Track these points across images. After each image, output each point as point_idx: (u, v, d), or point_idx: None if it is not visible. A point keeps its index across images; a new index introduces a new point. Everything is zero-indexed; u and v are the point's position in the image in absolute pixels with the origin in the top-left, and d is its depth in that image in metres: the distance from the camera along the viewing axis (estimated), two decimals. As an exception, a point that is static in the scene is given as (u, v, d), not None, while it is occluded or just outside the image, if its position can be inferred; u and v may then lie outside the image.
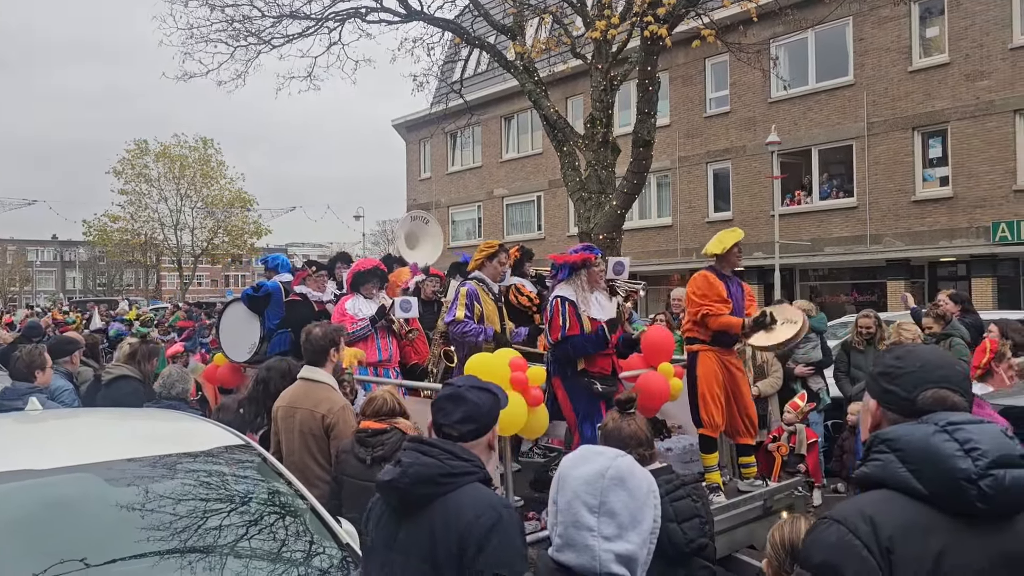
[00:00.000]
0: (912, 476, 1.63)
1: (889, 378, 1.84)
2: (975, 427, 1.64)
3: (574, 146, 11.99)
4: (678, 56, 20.91)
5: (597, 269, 5.70)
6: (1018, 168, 17.05)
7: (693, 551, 2.55)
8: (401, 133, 33.38)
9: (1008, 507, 1.60)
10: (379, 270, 7.14)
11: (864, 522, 1.60)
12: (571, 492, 1.66)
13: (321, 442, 4.31)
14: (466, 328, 6.05)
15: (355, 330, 6.64)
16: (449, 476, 2.28)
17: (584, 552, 1.60)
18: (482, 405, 2.43)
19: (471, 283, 6.24)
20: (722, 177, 22.46)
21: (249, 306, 7.24)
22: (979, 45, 17.42)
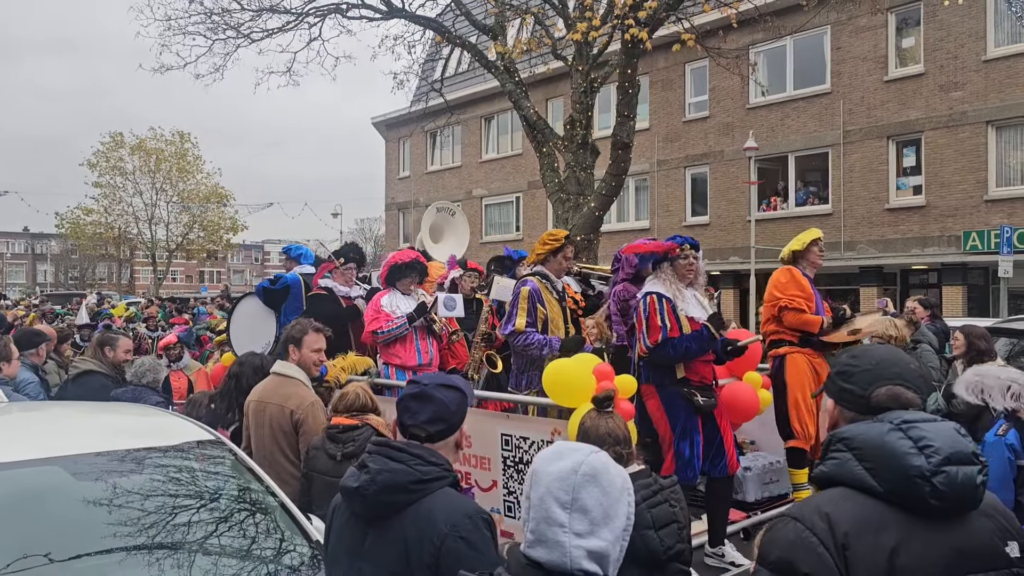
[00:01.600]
0: (868, 474, 1.66)
1: (845, 376, 1.87)
2: (929, 425, 1.67)
3: (553, 147, 12.02)
4: (658, 60, 21.02)
5: (684, 261, 4.99)
6: (989, 178, 17.32)
7: (670, 557, 2.55)
8: (381, 131, 33.25)
9: (961, 504, 1.63)
10: (419, 263, 6.33)
11: (821, 519, 1.62)
12: (543, 488, 1.65)
13: (291, 438, 4.27)
14: (529, 340, 5.39)
15: (391, 328, 6.00)
16: (420, 482, 2.21)
17: (555, 548, 1.60)
18: (450, 403, 2.36)
19: (533, 280, 5.54)
20: (700, 181, 22.60)
21: (265, 300, 6.68)
22: (953, 56, 17.68)
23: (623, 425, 2.79)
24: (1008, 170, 17.32)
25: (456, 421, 2.37)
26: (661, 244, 5.08)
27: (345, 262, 6.79)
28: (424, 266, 6.41)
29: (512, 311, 5.47)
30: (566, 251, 5.67)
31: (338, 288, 6.71)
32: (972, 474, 1.62)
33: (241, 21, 13.44)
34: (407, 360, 6.04)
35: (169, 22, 13.48)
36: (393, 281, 6.23)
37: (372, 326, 6.03)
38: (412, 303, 6.14)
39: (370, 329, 6.03)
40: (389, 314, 6.03)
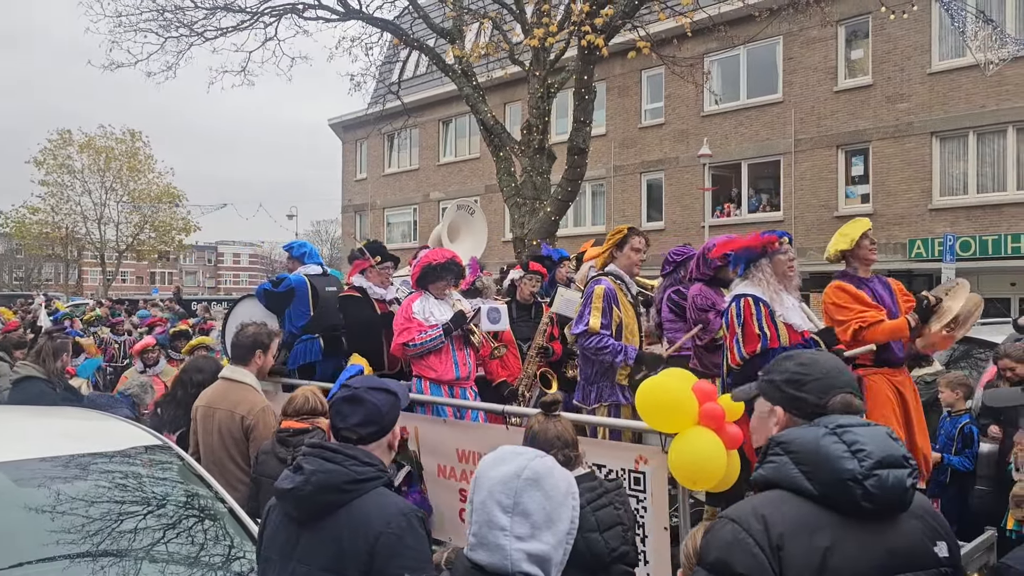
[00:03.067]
0: (804, 477, 1.71)
1: (797, 385, 1.91)
2: (862, 429, 1.73)
3: (510, 152, 12.06)
4: (615, 67, 21.22)
5: (784, 257, 4.34)
6: (933, 188, 17.84)
7: (614, 559, 2.57)
8: (338, 132, 33.00)
9: (891, 506, 1.69)
10: (455, 264, 5.53)
11: (757, 521, 1.67)
12: (486, 492, 1.67)
13: (240, 444, 4.23)
14: (603, 344, 4.78)
15: (424, 341, 5.23)
16: (354, 483, 2.23)
17: (496, 551, 1.61)
18: (381, 406, 2.39)
19: (606, 280, 4.97)
20: (655, 187, 22.87)
21: (267, 304, 6.05)
22: (900, 69, 18.18)
23: (571, 429, 2.83)
24: (951, 180, 17.86)
25: (387, 423, 2.39)
26: (759, 238, 4.38)
27: (382, 260, 6.08)
28: (461, 267, 5.70)
29: (584, 310, 4.90)
30: (633, 241, 5.04)
31: (373, 289, 5.98)
32: (902, 477, 1.68)
33: (194, 19, 13.25)
34: (443, 373, 5.31)
35: (120, 18, 13.23)
36: (425, 284, 5.48)
37: (403, 337, 5.28)
38: (447, 309, 5.42)
39: (401, 341, 5.28)
40: (422, 322, 5.31)
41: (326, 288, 6.10)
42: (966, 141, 17.50)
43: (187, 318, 15.63)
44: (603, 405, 4.92)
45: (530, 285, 6.42)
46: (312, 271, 6.19)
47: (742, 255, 4.41)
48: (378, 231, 31.48)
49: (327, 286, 6.13)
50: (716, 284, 5.18)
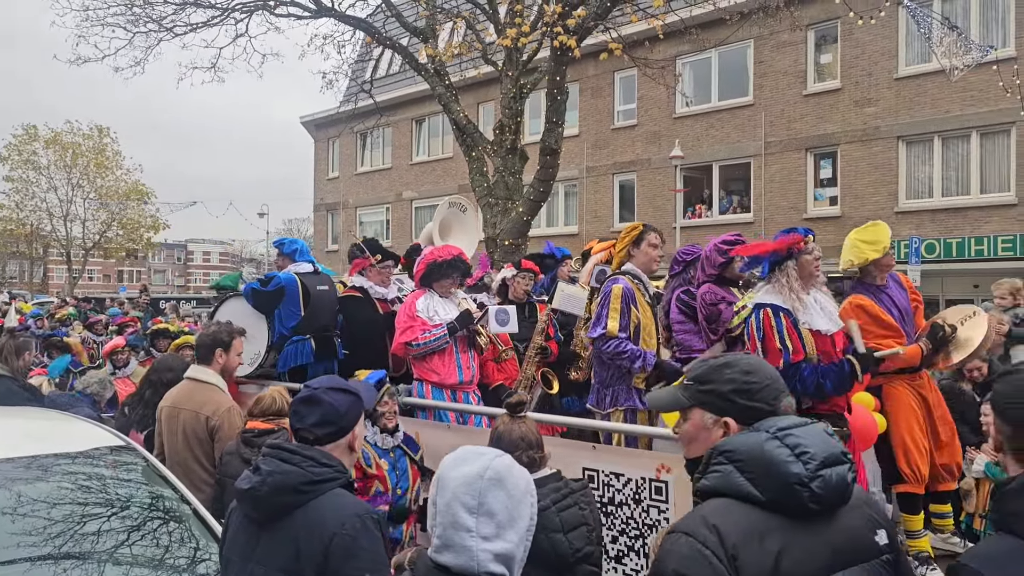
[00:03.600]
0: (750, 484, 1.72)
1: (748, 395, 1.89)
2: (801, 430, 1.76)
3: (483, 152, 12.05)
4: (588, 68, 21.30)
5: (810, 256, 4.09)
6: (899, 191, 18.13)
7: (579, 559, 2.58)
8: (310, 131, 32.77)
9: (835, 503, 1.72)
10: (461, 261, 5.35)
11: (710, 532, 1.67)
12: (450, 493, 1.67)
13: (206, 445, 4.20)
14: (621, 348, 4.58)
15: (428, 341, 5.05)
16: (311, 484, 2.23)
17: (463, 553, 1.62)
18: (339, 406, 2.38)
19: (624, 279, 4.77)
20: (627, 188, 23.00)
21: (255, 303, 5.77)
22: (868, 73, 18.45)
23: (535, 430, 2.84)
24: (917, 183, 18.16)
25: (346, 424, 2.38)
26: (784, 240, 4.13)
27: (383, 259, 5.87)
28: (468, 265, 5.51)
29: (602, 311, 4.68)
30: (649, 238, 4.86)
31: (374, 289, 5.79)
32: (844, 473, 1.72)
33: (164, 14, 13.07)
34: (446, 377, 5.10)
35: (87, 12, 13.02)
36: (430, 282, 5.29)
37: (405, 336, 5.09)
38: (452, 308, 5.23)
39: (403, 340, 5.10)
40: (426, 321, 5.10)
41: (317, 287, 5.87)
42: (931, 145, 17.82)
43: (156, 316, 15.39)
44: (619, 409, 4.74)
45: (523, 283, 6.16)
46: (303, 269, 5.95)
47: (766, 259, 4.17)
48: (351, 230, 31.29)
49: (318, 285, 5.90)
50: (723, 283, 5.01)
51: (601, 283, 5.76)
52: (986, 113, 16.79)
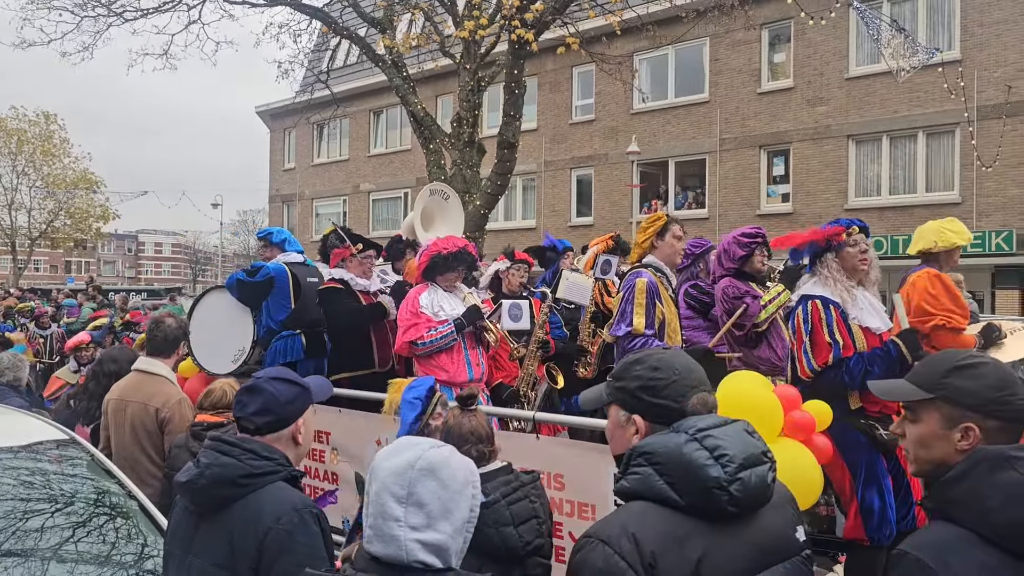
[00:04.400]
0: (669, 488, 1.68)
1: (654, 392, 1.83)
2: (721, 431, 1.73)
3: (440, 144, 12.02)
4: (546, 63, 21.33)
5: (854, 249, 3.83)
6: (849, 189, 18.53)
7: (529, 552, 2.57)
8: (265, 121, 32.26)
9: (755, 505, 1.70)
10: (467, 253, 5.01)
11: (627, 540, 1.63)
12: (380, 483, 1.66)
13: (155, 437, 4.12)
14: (646, 347, 4.15)
15: (435, 339, 4.74)
16: (249, 477, 2.19)
17: (391, 542, 1.62)
18: (280, 396, 2.34)
19: (647, 272, 4.49)
20: (585, 183, 23.12)
21: (240, 296, 5.37)
22: (820, 73, 18.81)
23: (486, 424, 2.84)
24: (866, 182, 18.57)
25: (287, 414, 2.34)
26: (821, 231, 3.89)
27: (364, 248, 5.56)
28: (474, 258, 5.15)
29: (626, 307, 4.38)
30: (674, 229, 4.59)
31: (356, 281, 5.46)
32: (763, 474, 1.70)
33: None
34: (455, 375, 4.77)
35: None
36: (433, 275, 4.97)
37: (410, 334, 4.78)
38: (457, 303, 4.94)
39: (407, 339, 4.79)
40: (431, 317, 4.79)
41: (308, 279, 5.55)
42: (880, 145, 18.23)
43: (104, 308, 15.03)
44: None
45: (518, 276, 5.77)
46: (293, 260, 5.60)
47: (805, 251, 3.97)
48: (307, 222, 30.96)
49: (308, 276, 5.58)
50: (743, 277, 4.83)
51: (606, 274, 5.80)
52: (932, 114, 17.23)
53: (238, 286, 5.36)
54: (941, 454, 1.78)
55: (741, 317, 4.63)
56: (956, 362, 1.82)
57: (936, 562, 1.61)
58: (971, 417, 1.74)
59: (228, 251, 70.55)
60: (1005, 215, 16.56)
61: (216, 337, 5.37)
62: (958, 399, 1.76)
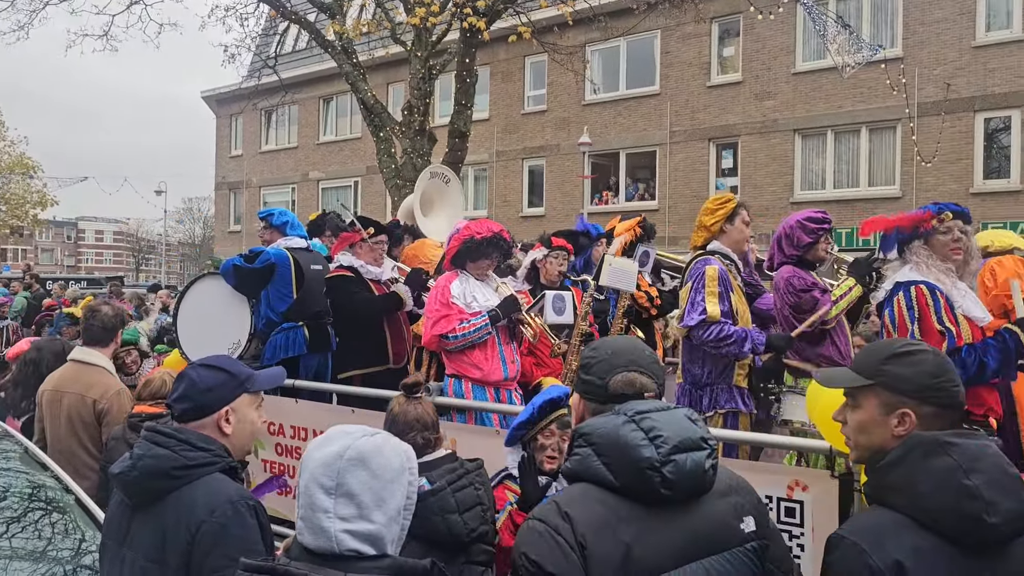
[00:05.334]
0: (606, 469, 1.69)
1: (586, 369, 1.91)
2: (660, 415, 1.74)
3: (391, 133, 11.92)
4: (499, 52, 21.29)
5: (946, 237, 3.52)
6: (795, 182, 18.91)
7: (474, 539, 2.58)
8: (211, 106, 31.59)
9: (691, 490, 1.69)
10: (502, 239, 4.54)
11: (563, 519, 1.65)
12: (309, 474, 1.64)
13: (92, 429, 4.01)
14: (724, 333, 3.97)
15: (469, 332, 4.30)
16: (183, 468, 2.13)
17: (321, 534, 1.60)
18: (200, 383, 2.26)
19: (715, 259, 4.19)
20: (537, 173, 23.17)
21: (236, 283, 4.93)
22: (767, 68, 19.12)
23: (432, 411, 2.84)
24: (811, 175, 18.97)
25: (206, 402, 2.25)
26: (908, 216, 3.62)
27: (376, 232, 5.12)
28: (509, 244, 4.68)
29: (697, 296, 4.07)
30: (743, 214, 4.31)
31: (366, 268, 5.06)
32: (700, 459, 1.68)
33: (50, -23, 12.33)
34: (490, 373, 4.36)
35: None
36: (463, 262, 4.50)
37: (440, 326, 4.32)
38: (490, 293, 4.50)
39: (437, 332, 4.33)
40: (463, 308, 4.35)
41: (311, 266, 5.10)
42: (825, 139, 18.63)
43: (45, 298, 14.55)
44: (718, 413, 4.15)
45: (557, 264, 5.32)
46: (295, 245, 5.13)
47: (893, 237, 3.69)
48: (254, 210, 30.40)
49: (312, 264, 5.13)
50: (804, 266, 4.52)
51: (644, 266, 5.41)
52: (875, 109, 17.66)
53: (234, 272, 4.91)
54: (879, 440, 1.83)
55: (809, 313, 4.26)
56: (895, 350, 1.87)
57: (871, 545, 1.65)
58: (907, 403, 1.79)
59: (173, 240, 69.08)
60: (943, 209, 17.10)
61: (208, 328, 4.97)
62: (895, 385, 1.81)
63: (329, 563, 1.59)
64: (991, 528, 1.61)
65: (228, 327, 4.92)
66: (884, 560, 1.63)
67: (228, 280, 4.95)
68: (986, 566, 1.65)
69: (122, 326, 4.37)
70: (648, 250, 5.45)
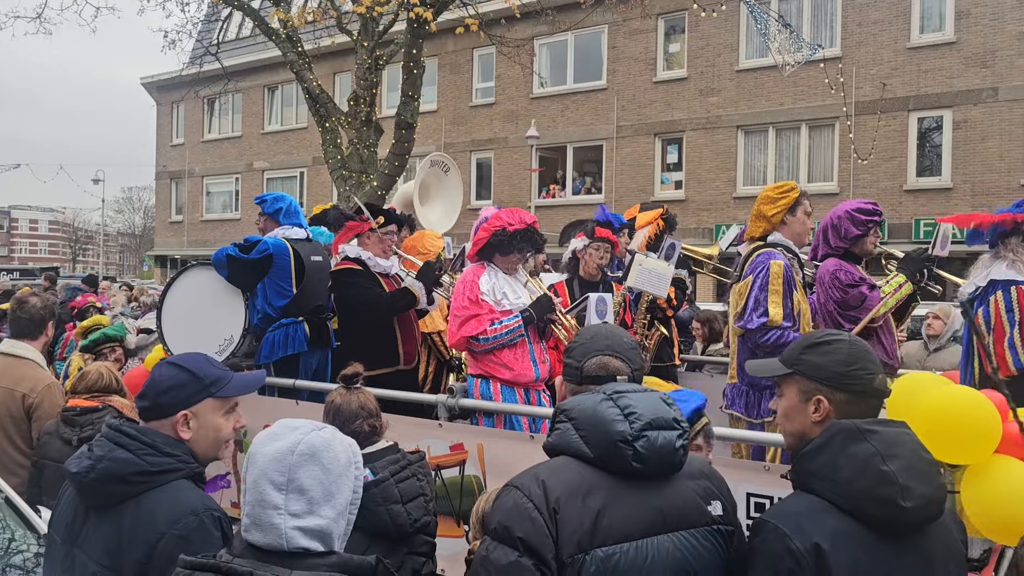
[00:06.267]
0: (583, 442, 1.78)
1: (567, 352, 2.03)
2: (636, 395, 1.82)
3: (336, 123, 11.79)
4: (447, 44, 21.20)
5: None
6: (738, 177, 19.28)
7: (416, 529, 2.59)
8: (151, 93, 30.73)
9: (660, 466, 1.77)
10: (536, 232, 4.19)
11: (537, 486, 1.73)
12: (258, 470, 1.61)
13: (21, 424, 3.88)
14: (784, 341, 3.61)
15: (499, 333, 3.98)
16: (145, 474, 2.03)
17: (270, 531, 1.57)
18: (161, 381, 2.18)
19: (779, 253, 3.87)
20: (485, 166, 23.17)
21: (230, 275, 4.52)
22: (712, 65, 19.43)
23: (373, 400, 2.84)
24: (753, 171, 19.36)
25: (164, 402, 2.16)
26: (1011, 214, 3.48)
27: (386, 221, 4.73)
28: (542, 237, 4.31)
29: (759, 295, 3.74)
30: (805, 204, 3.99)
31: (375, 261, 4.66)
32: (671, 438, 1.76)
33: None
34: (521, 374, 4.04)
35: None
36: (491, 255, 4.14)
37: (470, 327, 3.99)
38: (519, 288, 4.18)
39: (468, 333, 4.00)
40: (493, 306, 4.01)
41: (311, 257, 4.75)
42: (767, 136, 19.03)
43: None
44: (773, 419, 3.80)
45: (597, 256, 5.00)
46: (295, 235, 4.76)
47: (992, 230, 3.53)
48: (197, 200, 29.81)
49: (312, 255, 4.78)
50: (850, 259, 4.33)
51: (670, 259, 5.04)
52: (814, 107, 18.09)
53: (228, 263, 4.47)
54: (800, 426, 1.93)
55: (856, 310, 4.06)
56: (813, 340, 1.98)
57: (792, 529, 1.73)
58: (821, 390, 1.89)
59: (111, 230, 67.22)
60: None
61: (197, 323, 4.58)
62: (810, 373, 1.91)
63: (274, 560, 1.57)
64: (906, 512, 1.69)
65: (219, 322, 4.53)
66: (804, 543, 1.70)
67: (220, 271, 4.54)
68: (903, 549, 1.73)
69: (52, 318, 4.24)
70: (675, 243, 5.17)
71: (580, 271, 5.08)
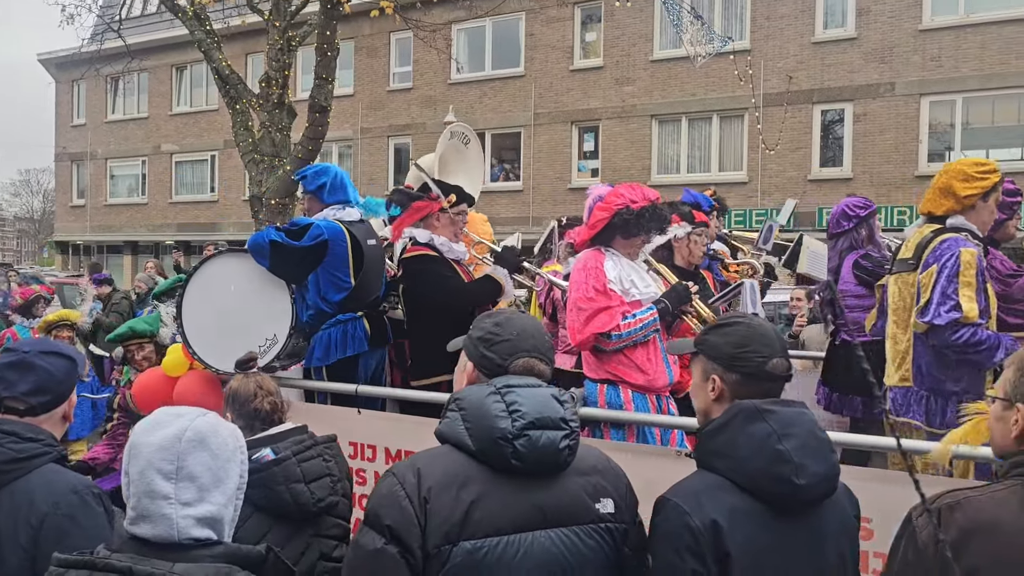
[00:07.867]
0: (466, 433, 1.78)
1: (487, 344, 1.95)
2: (526, 391, 1.81)
3: (248, 105, 11.50)
4: (363, 27, 20.89)
5: None
6: (652, 166, 19.68)
7: (321, 510, 2.58)
8: (49, 70, 29.19)
9: (542, 465, 1.76)
10: (662, 211, 3.58)
11: (413, 475, 1.73)
12: (144, 461, 1.57)
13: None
14: (977, 339, 3.23)
15: (633, 328, 3.38)
16: (14, 462, 2.03)
17: (160, 522, 1.55)
18: (56, 372, 2.19)
19: (969, 241, 3.37)
20: (403, 151, 22.97)
21: (274, 265, 3.81)
22: (627, 54, 19.74)
23: (270, 380, 2.83)
24: (667, 160, 19.81)
25: (63, 391, 2.20)
26: None
27: (458, 200, 4.09)
28: (667, 216, 3.67)
29: (948, 285, 3.27)
30: (998, 194, 3.49)
31: (449, 247, 4.03)
32: (555, 438, 1.75)
33: None
34: (655, 378, 3.47)
35: None
36: (611, 238, 3.53)
37: (601, 322, 3.37)
38: (645, 276, 3.62)
39: (598, 328, 3.37)
40: (622, 296, 3.43)
41: (368, 242, 4.08)
42: (679, 125, 19.48)
43: None
44: None
45: (702, 243, 4.55)
46: (350, 217, 4.04)
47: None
48: (100, 183, 28.57)
49: (368, 239, 4.11)
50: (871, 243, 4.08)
51: (767, 243, 4.68)
52: (724, 99, 18.62)
53: (273, 250, 3.75)
54: (703, 404, 2.01)
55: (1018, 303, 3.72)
56: (719, 321, 2.08)
57: (691, 507, 1.79)
58: (716, 369, 1.96)
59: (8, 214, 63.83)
60: (784, 194, 18.26)
61: (229, 321, 3.89)
62: (709, 353, 1.99)
63: (156, 553, 1.54)
64: (800, 489, 1.77)
65: (258, 320, 3.85)
66: (703, 520, 1.75)
67: (260, 260, 3.81)
68: (798, 526, 1.82)
69: None
70: (772, 225, 4.78)
71: (676, 260, 4.54)
